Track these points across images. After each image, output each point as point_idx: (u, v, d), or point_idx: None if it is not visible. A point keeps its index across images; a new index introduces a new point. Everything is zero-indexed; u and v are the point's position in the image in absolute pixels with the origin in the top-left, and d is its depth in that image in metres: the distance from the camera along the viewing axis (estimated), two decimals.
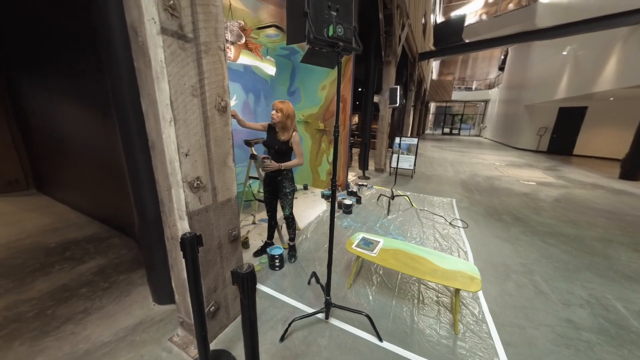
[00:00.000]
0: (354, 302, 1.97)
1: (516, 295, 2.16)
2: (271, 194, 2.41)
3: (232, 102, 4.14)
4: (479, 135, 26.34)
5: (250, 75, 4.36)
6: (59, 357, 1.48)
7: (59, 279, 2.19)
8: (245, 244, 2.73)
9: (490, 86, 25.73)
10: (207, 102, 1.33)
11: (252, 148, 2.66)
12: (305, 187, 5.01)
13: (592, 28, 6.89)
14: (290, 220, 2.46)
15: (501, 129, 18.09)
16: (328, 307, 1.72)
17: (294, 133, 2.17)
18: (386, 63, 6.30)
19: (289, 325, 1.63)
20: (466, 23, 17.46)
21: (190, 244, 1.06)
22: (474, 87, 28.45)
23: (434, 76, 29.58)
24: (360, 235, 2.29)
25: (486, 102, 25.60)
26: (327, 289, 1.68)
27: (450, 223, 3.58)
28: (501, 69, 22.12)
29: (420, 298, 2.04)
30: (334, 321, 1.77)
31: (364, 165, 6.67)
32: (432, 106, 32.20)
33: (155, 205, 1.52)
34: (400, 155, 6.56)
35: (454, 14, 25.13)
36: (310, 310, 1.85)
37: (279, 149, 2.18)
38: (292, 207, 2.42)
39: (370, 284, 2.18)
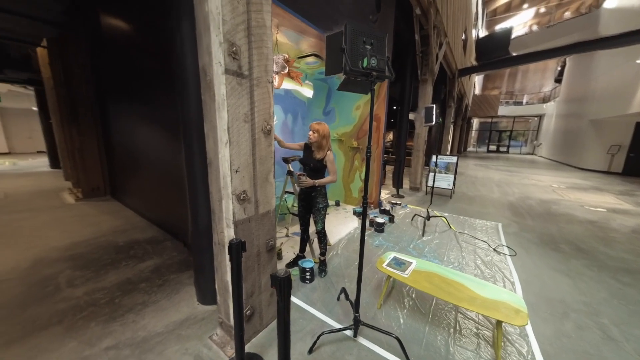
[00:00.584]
0: (384, 324, 1.92)
1: (576, 338, 1.88)
2: (305, 209, 2.54)
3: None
4: (532, 154, 23.75)
5: (290, 97, 4.74)
6: (122, 340, 1.73)
7: (124, 273, 2.57)
8: (279, 255, 2.87)
9: (544, 100, 23.42)
10: (256, 127, 1.54)
11: (289, 165, 2.87)
12: (337, 204, 5.08)
13: None
14: (322, 235, 2.54)
15: (560, 147, 16.11)
16: (357, 325, 1.72)
17: (329, 152, 2.31)
18: (422, 81, 6.27)
19: (318, 338, 1.67)
20: (513, 35, 16.52)
21: (237, 249, 1.22)
22: (524, 101, 26.18)
23: (477, 91, 28.05)
24: (392, 254, 2.26)
25: (540, 117, 23.22)
26: (356, 306, 1.69)
27: (494, 249, 3.29)
28: (558, 81, 20.09)
29: (457, 328, 1.90)
30: (362, 340, 1.75)
31: (397, 184, 6.53)
32: (475, 122, 30.31)
33: (207, 214, 1.75)
34: (437, 174, 6.29)
35: (499, 27, 23.98)
36: (338, 325, 1.87)
37: (314, 166, 2.33)
38: (324, 223, 2.51)
39: (401, 307, 2.11)
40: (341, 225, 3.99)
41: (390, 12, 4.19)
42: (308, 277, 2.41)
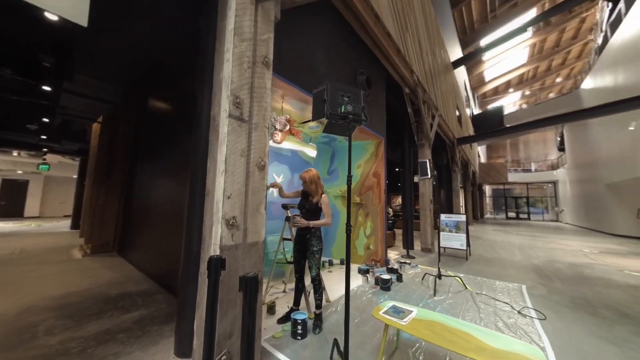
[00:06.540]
0: None
1: None
2: (300, 253, 2.49)
3: (279, 179, 4.85)
4: (556, 220, 22.39)
5: (296, 158, 5.22)
6: None
7: (106, 323, 2.41)
8: (272, 309, 2.64)
9: (553, 167, 23.74)
10: (251, 161, 1.76)
11: (288, 211, 2.97)
12: (342, 262, 4.82)
13: None
14: (317, 283, 2.40)
15: (584, 212, 15.29)
16: None
17: (323, 195, 2.44)
18: (420, 145, 6.80)
19: None
20: (506, 112, 18.29)
21: (215, 264, 1.23)
22: (533, 168, 26.53)
23: (483, 159, 29.09)
24: (391, 303, 2.05)
25: (554, 183, 23.02)
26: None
27: (519, 312, 2.85)
28: (561, 149, 20.80)
29: None
30: None
31: (407, 244, 6.23)
32: (488, 189, 30.24)
33: (199, 244, 1.80)
34: (448, 233, 6.03)
35: (491, 106, 26.84)
36: None
37: (309, 208, 2.43)
38: (319, 268, 2.41)
39: None
40: (343, 282, 3.69)
41: (381, 91, 5.01)
42: (300, 331, 2.16)
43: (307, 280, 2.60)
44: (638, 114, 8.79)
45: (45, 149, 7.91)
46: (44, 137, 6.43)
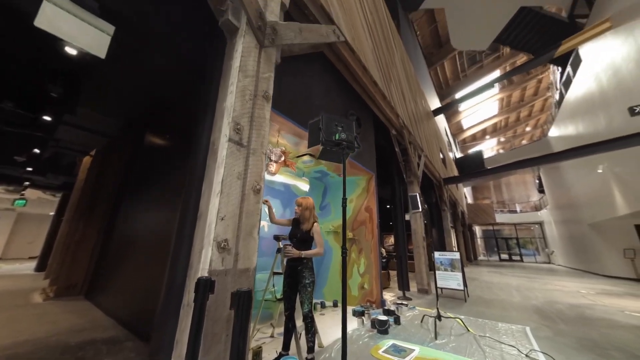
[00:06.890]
0: None
1: None
2: (291, 288, 2.33)
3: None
4: (549, 262, 22.22)
5: (288, 192, 5.23)
6: None
7: None
8: (257, 356, 2.33)
9: (537, 208, 24.57)
10: (247, 184, 1.77)
11: (280, 242, 2.87)
12: (335, 304, 4.48)
13: (608, 148, 7.21)
14: (309, 321, 2.20)
15: (574, 254, 15.37)
16: None
17: (315, 224, 2.41)
18: (409, 183, 7.02)
19: None
20: (485, 156, 19.65)
21: (204, 286, 1.14)
22: (518, 209, 27.32)
23: (470, 200, 29.89)
24: (391, 341, 1.88)
25: (540, 224, 23.52)
26: None
27: (527, 355, 2.64)
28: (541, 191, 21.87)
29: None
30: None
31: (403, 285, 5.94)
32: (478, 230, 30.43)
33: (184, 273, 1.67)
34: (443, 272, 5.84)
35: (471, 150, 28.84)
36: None
37: (301, 237, 2.36)
38: (311, 304, 2.24)
39: None
40: (337, 326, 3.38)
41: (371, 131, 5.38)
42: None
43: (299, 322, 2.37)
44: (604, 157, 9.64)
45: (27, 183, 7.60)
46: (29, 169, 6.25)
